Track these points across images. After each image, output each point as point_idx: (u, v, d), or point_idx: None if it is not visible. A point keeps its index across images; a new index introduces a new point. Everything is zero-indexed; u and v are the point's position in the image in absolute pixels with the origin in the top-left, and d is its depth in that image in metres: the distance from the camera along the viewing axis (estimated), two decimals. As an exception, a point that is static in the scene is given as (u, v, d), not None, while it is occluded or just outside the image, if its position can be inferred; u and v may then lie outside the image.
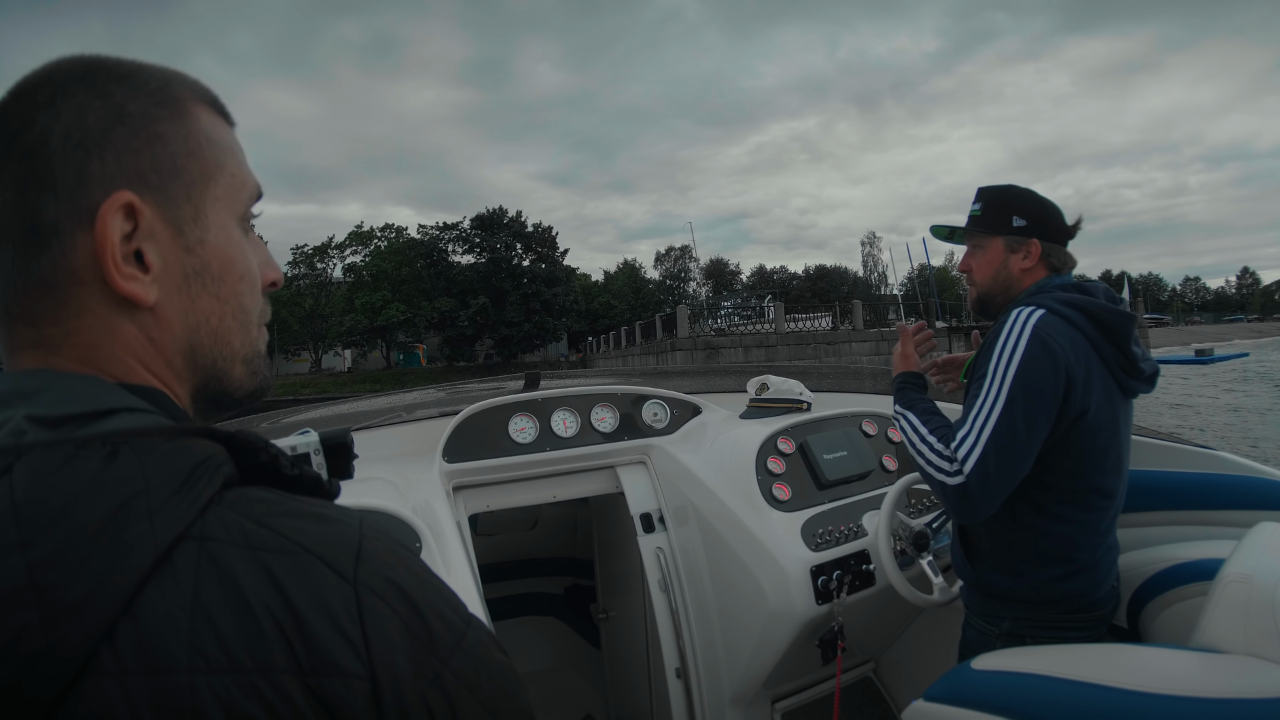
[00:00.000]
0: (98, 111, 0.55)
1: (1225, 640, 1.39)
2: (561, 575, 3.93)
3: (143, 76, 0.59)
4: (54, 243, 0.54)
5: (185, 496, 0.47)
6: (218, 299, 0.62)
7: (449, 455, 2.56)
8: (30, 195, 0.54)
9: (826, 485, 2.39)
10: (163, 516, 0.45)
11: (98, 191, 0.54)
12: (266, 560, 0.47)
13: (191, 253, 0.60)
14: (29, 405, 0.49)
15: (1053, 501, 1.71)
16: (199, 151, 0.61)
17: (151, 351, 0.59)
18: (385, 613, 0.48)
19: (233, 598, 0.45)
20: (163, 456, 0.47)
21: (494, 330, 55.70)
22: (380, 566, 0.50)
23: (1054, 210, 1.85)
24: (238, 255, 0.64)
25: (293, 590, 0.46)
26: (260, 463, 0.54)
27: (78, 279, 0.55)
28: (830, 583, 2.14)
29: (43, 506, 0.42)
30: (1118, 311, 1.70)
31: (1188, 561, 1.78)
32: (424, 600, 0.51)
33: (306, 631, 0.45)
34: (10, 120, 0.55)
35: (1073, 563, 1.72)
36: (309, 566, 0.47)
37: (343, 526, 0.52)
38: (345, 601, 0.47)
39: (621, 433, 2.81)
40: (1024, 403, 1.61)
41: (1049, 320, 1.67)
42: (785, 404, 2.68)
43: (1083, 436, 1.67)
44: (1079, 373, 1.64)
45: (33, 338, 0.56)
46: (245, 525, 0.48)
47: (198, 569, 0.45)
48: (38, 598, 0.40)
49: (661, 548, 2.62)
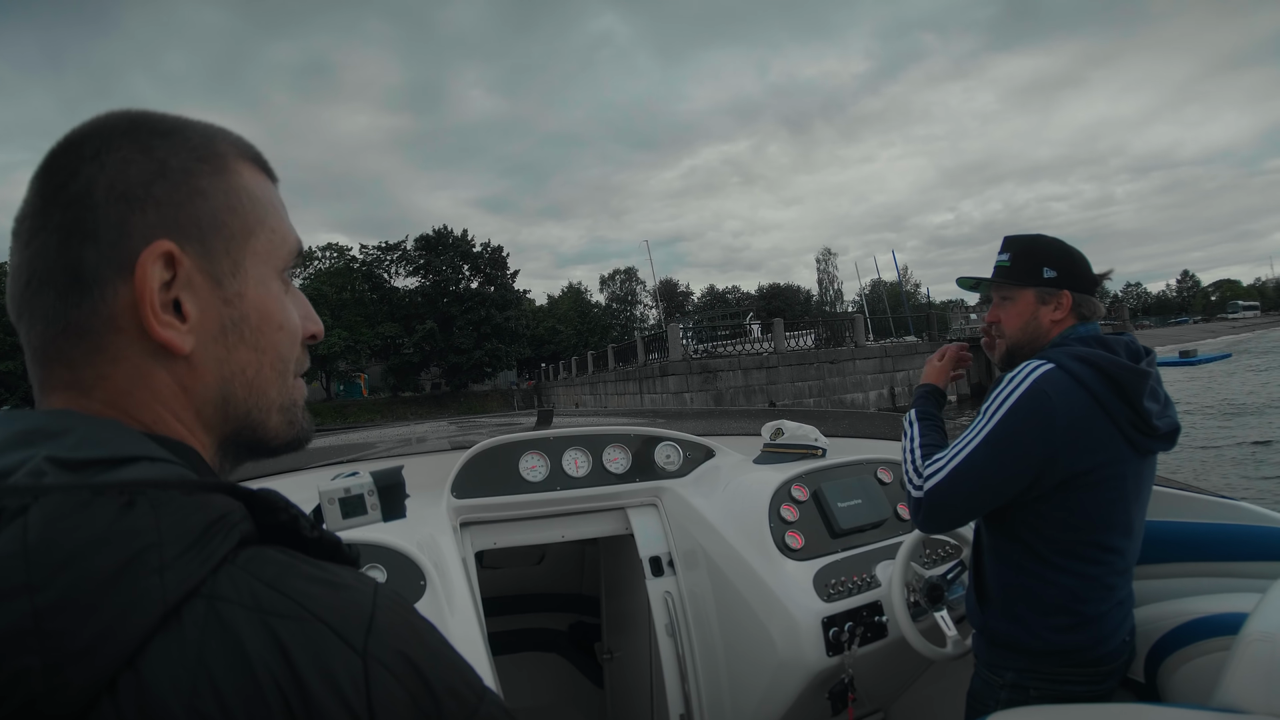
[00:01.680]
0: (140, 165, 0.57)
1: (1248, 700, 1.35)
2: (567, 611, 3.86)
3: (186, 132, 0.61)
4: (94, 290, 0.55)
5: (199, 553, 0.46)
6: (255, 350, 0.62)
7: (458, 491, 2.54)
8: (73, 244, 0.55)
9: (840, 534, 2.37)
10: (174, 572, 0.44)
11: (138, 241, 0.56)
12: (274, 625, 0.46)
13: (230, 304, 0.60)
14: (51, 446, 0.49)
15: (1052, 552, 1.71)
16: (239, 207, 0.62)
17: (183, 400, 0.59)
18: (394, 687, 0.48)
19: (237, 661, 0.44)
20: (179, 510, 0.47)
21: (442, 358, 52.62)
22: (392, 639, 0.49)
23: (1082, 260, 1.85)
24: (276, 308, 0.64)
25: (299, 658, 0.45)
26: (280, 522, 0.54)
27: (115, 326, 0.56)
28: (842, 634, 2.11)
29: (54, 551, 0.42)
30: (1131, 368, 1.67)
31: (1208, 616, 1.75)
32: (435, 674, 0.50)
33: (310, 702, 0.44)
34: (57, 172, 0.57)
35: (1077, 614, 1.70)
36: (317, 634, 0.47)
37: (356, 594, 0.51)
38: (353, 673, 0.46)
39: (634, 474, 2.79)
40: (998, 447, 1.65)
41: (1053, 375, 1.67)
42: (800, 450, 2.66)
43: (1080, 492, 1.66)
44: (1074, 431, 1.63)
45: (67, 379, 0.57)
46: (256, 587, 0.47)
47: (204, 628, 0.44)
48: (40, 643, 0.39)
49: (670, 591, 2.59)
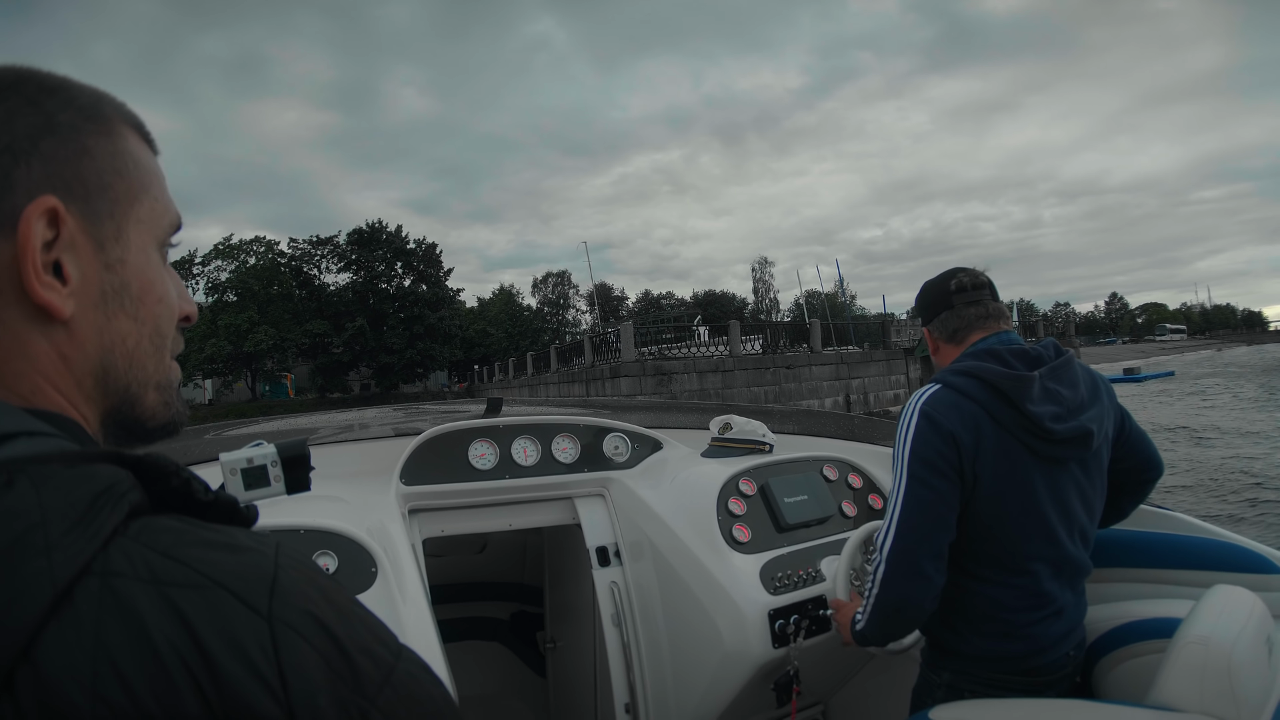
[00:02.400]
0: (27, 118, 0.55)
1: (1181, 700, 1.43)
2: (508, 600, 3.85)
3: (73, 91, 0.59)
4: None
5: (86, 528, 0.43)
6: (135, 320, 0.60)
7: (406, 478, 2.51)
8: None
9: (786, 529, 2.39)
10: (61, 551, 0.41)
11: (21, 197, 0.53)
12: (173, 596, 0.42)
13: (111, 270, 0.58)
14: None
15: (974, 564, 1.75)
16: (125, 171, 0.60)
17: (62, 369, 0.56)
18: (304, 649, 0.45)
19: (137, 638, 0.41)
20: (62, 484, 0.43)
21: (372, 357, 50.30)
22: (298, 599, 0.46)
23: (930, 288, 1.94)
24: (156, 279, 0.62)
25: (202, 628, 0.42)
26: (171, 488, 0.50)
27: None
28: (788, 626, 2.14)
29: None
30: (1010, 374, 1.70)
31: (1142, 619, 1.82)
32: (347, 633, 0.47)
33: (217, 673, 0.41)
34: None
35: (1006, 623, 1.74)
36: (219, 601, 0.43)
37: (257, 556, 0.48)
38: (259, 638, 0.43)
39: (582, 464, 2.78)
40: (921, 476, 1.67)
41: (937, 395, 1.73)
42: (748, 445, 2.68)
43: (986, 501, 1.70)
44: (967, 440, 1.67)
45: None
46: (151, 558, 0.44)
47: (99, 607, 0.41)
48: None
49: (616, 582, 2.60)
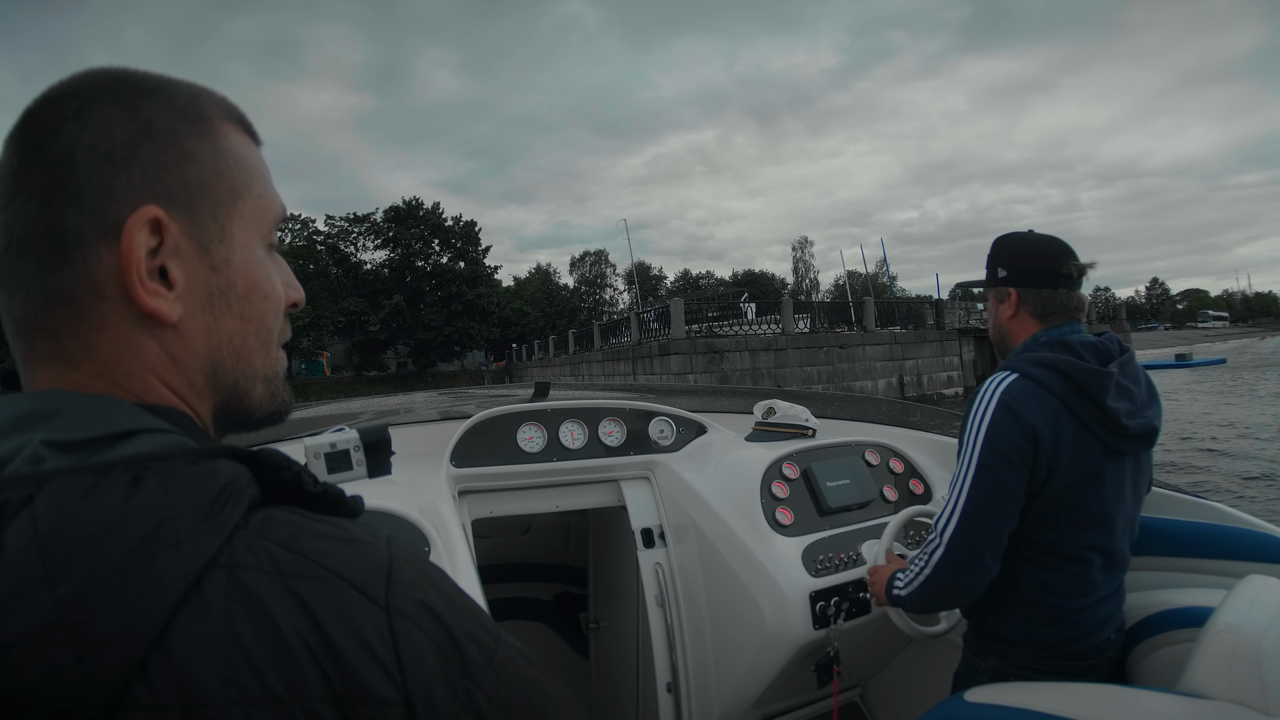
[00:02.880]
0: (125, 126, 0.55)
1: (1210, 687, 1.44)
2: (552, 581, 3.90)
3: (171, 91, 0.59)
4: (77, 255, 0.54)
5: (212, 523, 0.46)
6: (241, 318, 0.61)
7: (457, 460, 2.57)
8: (55, 207, 0.53)
9: (828, 512, 2.42)
10: (190, 545, 0.44)
11: (124, 206, 0.54)
12: (297, 587, 0.46)
13: (217, 271, 0.59)
14: (45, 429, 0.48)
15: (1030, 550, 1.76)
16: (226, 170, 0.60)
17: (173, 369, 0.58)
18: (418, 637, 0.48)
19: (265, 626, 0.44)
20: (187, 481, 0.46)
21: (409, 335, 49.86)
22: (411, 589, 0.50)
23: (1036, 255, 1.86)
24: (262, 275, 0.63)
25: (325, 617, 0.46)
26: (283, 481, 0.53)
27: (100, 293, 0.54)
28: (828, 608, 2.18)
29: (68, 540, 0.41)
30: (1092, 370, 1.71)
31: (1177, 608, 1.83)
32: (455, 620, 0.51)
33: (341, 659, 0.45)
34: (36, 130, 0.54)
35: (1055, 609, 1.76)
36: (340, 592, 0.47)
37: (371, 548, 0.51)
38: (378, 626, 0.47)
39: (628, 447, 2.83)
40: (994, 466, 1.68)
41: (1017, 385, 1.72)
42: (791, 429, 2.70)
43: (1055, 492, 1.70)
44: (1046, 432, 1.68)
45: (52, 351, 0.55)
46: (273, 550, 0.47)
47: (228, 597, 0.44)
48: (67, 635, 0.39)
49: (660, 563, 2.65)
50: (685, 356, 21.17)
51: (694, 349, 21.30)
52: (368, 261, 52.31)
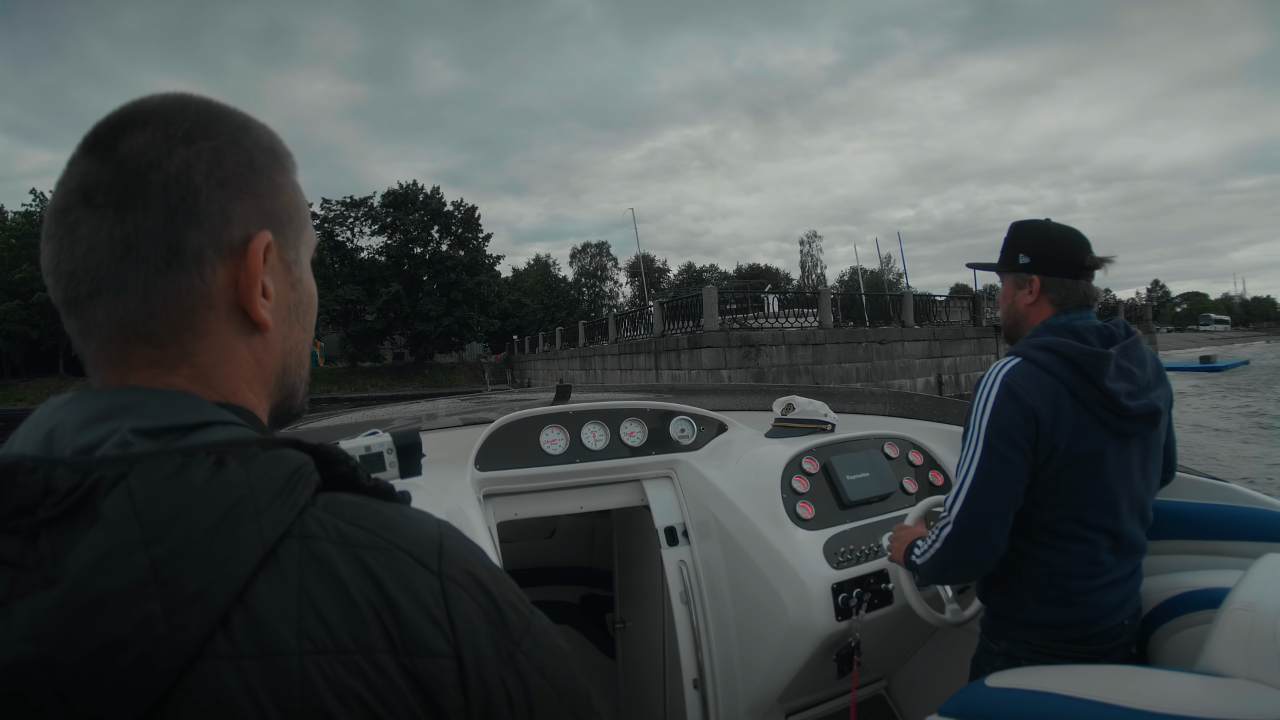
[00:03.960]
0: (233, 156, 0.62)
1: (1228, 665, 1.46)
2: (578, 584, 3.94)
3: (256, 130, 0.66)
4: (194, 269, 0.59)
5: (286, 499, 0.52)
6: (304, 328, 0.71)
7: (481, 463, 2.60)
8: (178, 223, 0.58)
9: (848, 505, 2.45)
10: (268, 517, 0.51)
11: (238, 228, 0.61)
12: (362, 555, 0.53)
13: (294, 288, 0.68)
14: (130, 419, 0.54)
15: (1035, 529, 1.79)
16: (298, 201, 0.69)
17: (257, 372, 0.65)
18: (466, 600, 0.55)
19: (334, 588, 0.51)
20: (264, 464, 0.53)
21: (407, 325, 47.84)
22: (460, 560, 0.58)
23: (1061, 244, 1.89)
24: (315, 291, 0.73)
25: (387, 581, 0.52)
26: (340, 473, 0.60)
27: (211, 304, 0.61)
28: (850, 600, 2.20)
29: (162, 509, 0.47)
30: (1088, 350, 1.74)
31: (1196, 590, 1.84)
32: (497, 590, 0.58)
33: (401, 617, 0.52)
34: (146, 149, 0.59)
35: (1063, 589, 1.78)
36: (399, 560, 0.54)
37: (425, 525, 0.59)
38: (432, 591, 0.54)
39: (649, 447, 2.86)
40: (998, 447, 1.73)
41: (1018, 369, 1.77)
42: (810, 425, 2.74)
43: (1056, 471, 1.75)
44: (1046, 412, 1.72)
45: (152, 357, 0.60)
46: (340, 525, 0.54)
47: (301, 563, 0.51)
48: (160, 590, 0.45)
49: (684, 561, 2.67)
50: (719, 350, 19.38)
51: (728, 342, 19.51)
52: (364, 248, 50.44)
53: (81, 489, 0.47)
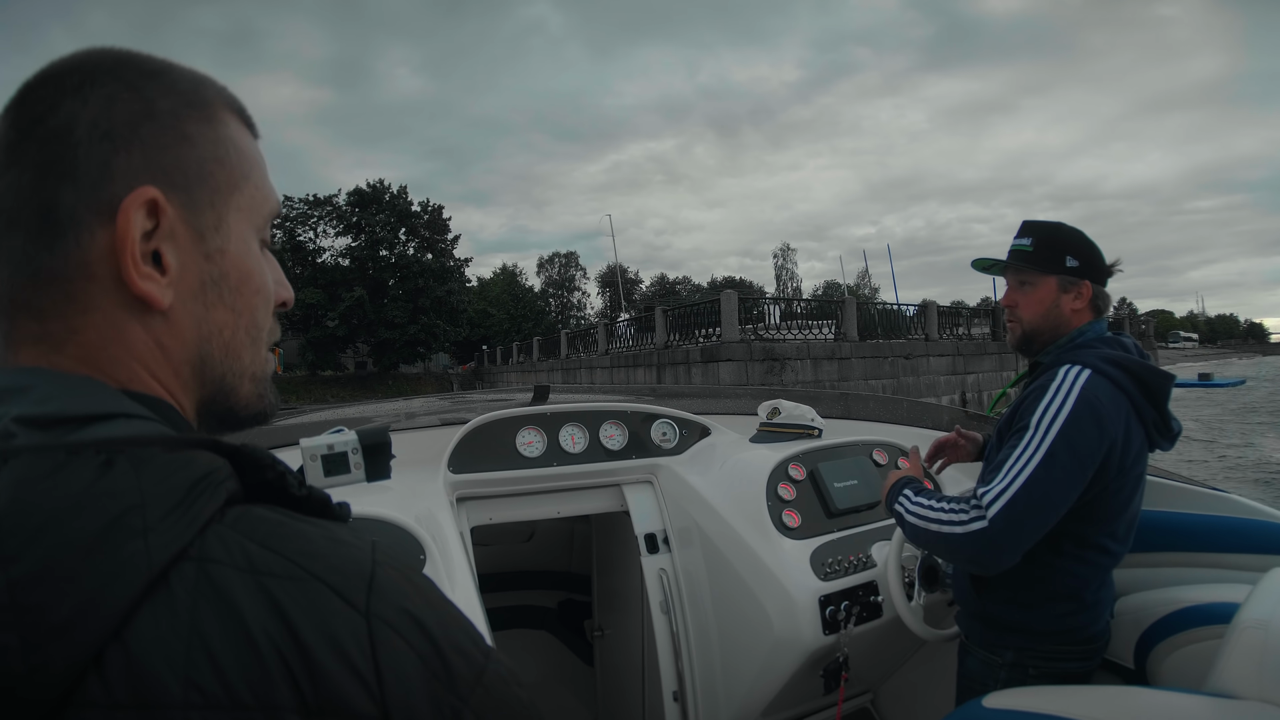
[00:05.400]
0: (127, 104, 0.54)
1: (1240, 686, 1.38)
2: (556, 589, 3.83)
3: (174, 75, 0.58)
4: (69, 234, 0.51)
5: (184, 513, 0.43)
6: (233, 311, 0.59)
7: (454, 466, 2.50)
8: (49, 182, 0.51)
9: (836, 514, 2.36)
10: (159, 535, 0.41)
11: (121, 186, 0.52)
12: (270, 586, 0.43)
13: (210, 260, 0.57)
14: (17, 404, 0.47)
15: (1071, 545, 1.73)
16: (226, 158, 0.59)
17: (160, 358, 0.56)
18: (400, 647, 0.45)
19: (233, 627, 0.41)
20: (161, 469, 0.44)
21: (370, 332, 44.99)
22: (395, 595, 0.47)
23: (1100, 252, 1.86)
24: (255, 269, 0.62)
25: (299, 620, 0.42)
26: (266, 480, 0.50)
27: (90, 274, 0.52)
28: (838, 613, 2.11)
29: (28, 518, 0.39)
30: (1160, 372, 1.71)
31: (1199, 605, 1.77)
32: (442, 633, 0.48)
33: (314, 667, 0.42)
34: (35, 104, 0.53)
35: (1080, 600, 1.76)
36: (317, 594, 0.44)
37: (354, 550, 0.48)
38: (356, 634, 0.44)
39: (630, 451, 2.76)
40: (1064, 460, 1.62)
41: (1096, 382, 1.67)
42: (796, 429, 2.64)
43: (1111, 493, 1.70)
44: (1120, 437, 1.66)
45: (36, 332, 0.53)
46: (248, 547, 0.45)
47: (195, 593, 0.41)
48: (18, 618, 0.37)
49: (665, 569, 2.58)
50: (739, 365, 17.17)
51: (750, 354, 17.34)
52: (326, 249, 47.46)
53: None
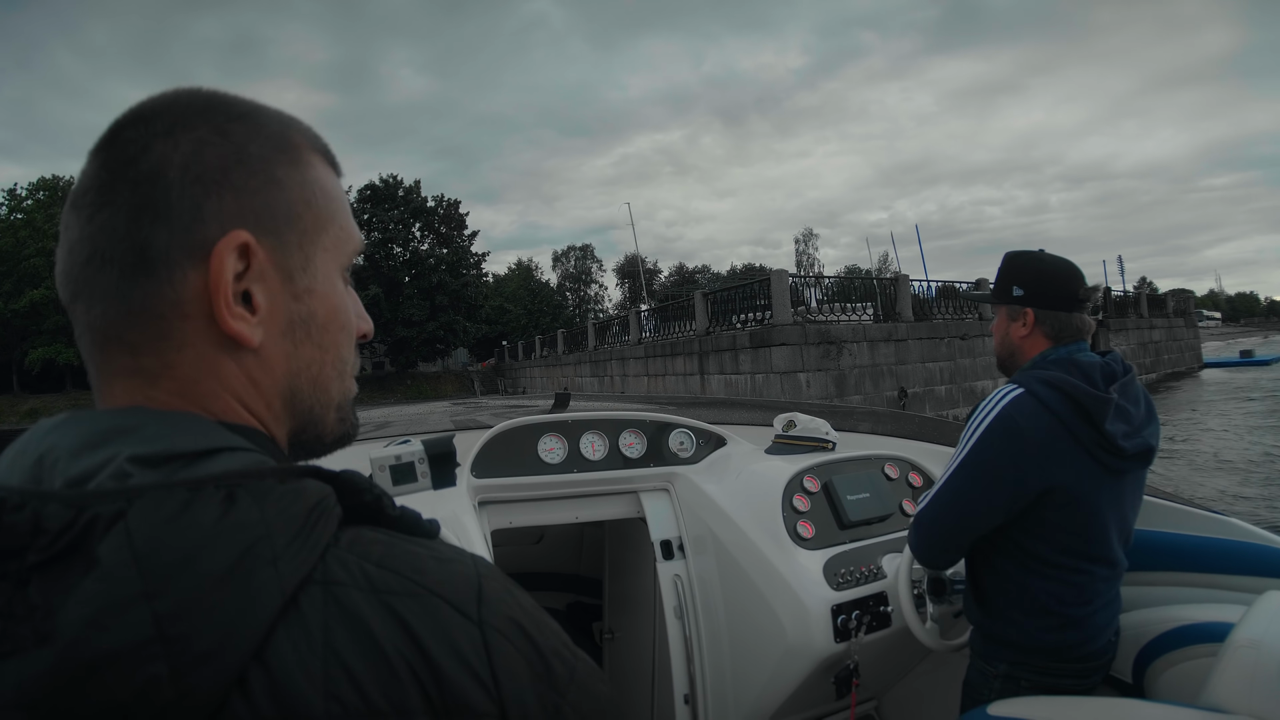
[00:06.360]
0: (218, 148, 0.56)
1: (1231, 702, 1.44)
2: (565, 591, 3.90)
3: (262, 118, 0.60)
4: (162, 273, 0.54)
5: (306, 540, 0.47)
6: (320, 347, 0.62)
7: (477, 470, 2.55)
8: (144, 223, 0.53)
9: (848, 525, 2.40)
10: (286, 562, 0.45)
11: (213, 229, 0.54)
12: (393, 603, 0.47)
13: (299, 300, 0.60)
14: (130, 444, 0.49)
15: (1036, 563, 1.79)
16: (313, 201, 0.61)
17: (253, 391, 0.58)
18: (510, 651, 0.50)
19: (364, 642, 0.45)
20: (280, 499, 0.47)
21: (387, 330, 43.94)
22: (501, 605, 0.52)
23: (1055, 277, 1.89)
24: (340, 306, 0.64)
25: (422, 632, 0.47)
26: (364, 503, 0.53)
27: (183, 312, 0.55)
28: (849, 621, 2.16)
29: (165, 555, 0.41)
30: (1093, 394, 1.73)
31: (1194, 623, 1.82)
32: (541, 638, 0.53)
33: (439, 673, 0.46)
34: (125, 145, 0.55)
35: (1063, 616, 1.79)
36: (435, 608, 0.48)
37: (461, 565, 0.53)
38: (474, 642, 0.48)
39: (648, 459, 2.81)
40: (972, 472, 1.76)
41: (1020, 400, 1.75)
42: (811, 442, 2.68)
43: (1053, 510, 1.75)
44: (1040, 453, 1.71)
45: (130, 366, 0.55)
46: (366, 568, 0.48)
47: (325, 613, 0.45)
48: (166, 649, 0.39)
49: (679, 575, 2.62)
50: (794, 349, 16.02)
51: (804, 338, 16.15)
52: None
53: (75, 528, 0.41)
